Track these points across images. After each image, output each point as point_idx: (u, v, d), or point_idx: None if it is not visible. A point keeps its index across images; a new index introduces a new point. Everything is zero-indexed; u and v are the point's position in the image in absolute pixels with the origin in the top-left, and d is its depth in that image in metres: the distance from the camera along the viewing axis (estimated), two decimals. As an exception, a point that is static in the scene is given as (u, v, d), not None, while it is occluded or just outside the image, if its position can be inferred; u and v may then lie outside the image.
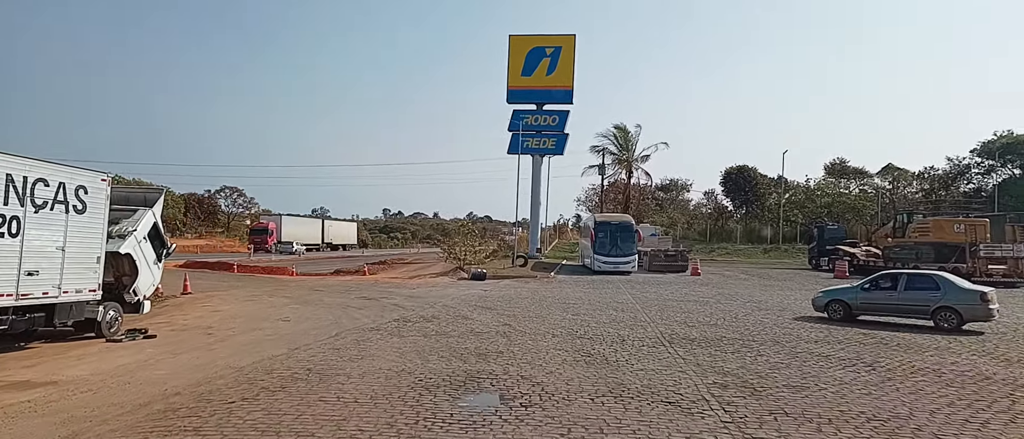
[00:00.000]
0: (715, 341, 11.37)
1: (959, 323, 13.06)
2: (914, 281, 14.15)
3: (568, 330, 12.54)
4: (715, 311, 16.17)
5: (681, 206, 75.32)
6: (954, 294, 13.35)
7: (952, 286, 13.54)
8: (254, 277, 29.73)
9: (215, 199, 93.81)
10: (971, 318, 13.12)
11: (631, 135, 53.11)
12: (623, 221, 33.08)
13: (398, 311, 15.54)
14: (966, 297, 13.23)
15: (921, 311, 13.63)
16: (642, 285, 25.20)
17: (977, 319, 13.17)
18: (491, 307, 16.63)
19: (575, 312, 15.67)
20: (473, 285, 24.76)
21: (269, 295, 19.19)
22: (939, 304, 13.31)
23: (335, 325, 12.94)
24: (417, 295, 19.98)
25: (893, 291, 14.19)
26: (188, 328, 12.31)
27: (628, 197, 53.81)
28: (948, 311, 13.20)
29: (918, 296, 13.73)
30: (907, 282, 14.12)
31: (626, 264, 31.46)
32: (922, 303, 13.60)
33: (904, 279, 14.30)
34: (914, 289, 13.90)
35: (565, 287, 24.09)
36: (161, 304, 16.14)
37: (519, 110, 44.03)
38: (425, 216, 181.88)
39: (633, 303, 18.08)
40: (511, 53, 44.17)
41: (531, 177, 44.90)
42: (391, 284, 24.90)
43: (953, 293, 13.37)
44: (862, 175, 61.91)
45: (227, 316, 14.10)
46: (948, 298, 13.29)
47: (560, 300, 18.74)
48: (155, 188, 13.46)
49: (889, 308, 14.25)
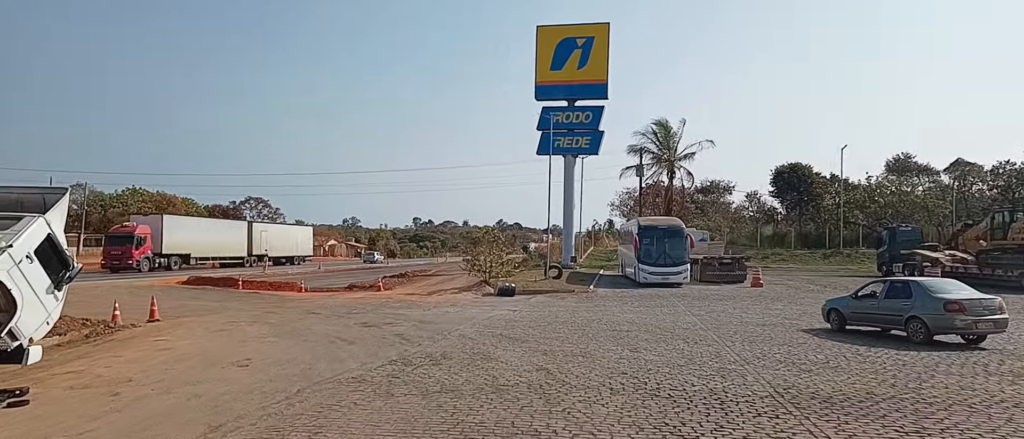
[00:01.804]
0: (864, 398, 7.42)
1: (927, 335, 11.68)
2: (893, 289, 12.89)
3: (632, 379, 8.72)
4: (821, 343, 12.13)
5: (722, 209, 70.36)
6: (921, 303, 11.93)
7: (923, 294, 12.04)
8: (257, 295, 26.56)
9: (240, 210, 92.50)
10: (938, 330, 11.61)
11: (673, 132, 48.79)
12: (672, 225, 28.94)
13: (399, 346, 11.91)
14: (932, 306, 11.68)
15: (896, 321, 12.44)
16: (702, 301, 21.13)
17: (944, 331, 11.63)
18: (521, 337, 12.88)
19: (632, 345, 11.81)
20: (499, 303, 21.05)
21: (251, 321, 15.81)
22: (909, 314, 12.05)
23: (305, 373, 9.36)
24: (430, 319, 16.35)
25: (875, 300, 13.13)
26: (98, 382, 8.87)
27: (670, 199, 49.44)
28: (916, 321, 11.89)
29: (895, 305, 12.53)
30: (887, 290, 12.99)
31: (677, 275, 27.33)
32: (896, 312, 12.41)
33: (886, 287, 13.16)
34: (891, 297, 12.72)
35: (609, 305, 20.19)
36: (106, 338, 12.84)
37: (549, 107, 40.40)
38: (455, 224, 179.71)
39: (703, 328, 14.12)
40: (539, 45, 40.56)
41: (563, 179, 41.20)
42: (404, 303, 21.36)
43: (921, 302, 11.97)
44: (927, 172, 56.36)
45: (173, 358, 10.68)
46: (916, 307, 11.97)
47: (608, 325, 14.89)
48: (55, 189, 9.97)
49: (871, 317, 13.24)
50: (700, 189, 67.41)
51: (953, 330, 11.52)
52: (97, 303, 18.50)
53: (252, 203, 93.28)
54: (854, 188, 52.97)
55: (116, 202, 67.62)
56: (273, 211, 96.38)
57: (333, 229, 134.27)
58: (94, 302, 17.17)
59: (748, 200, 66.23)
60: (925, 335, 11.68)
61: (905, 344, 11.73)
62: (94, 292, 23.78)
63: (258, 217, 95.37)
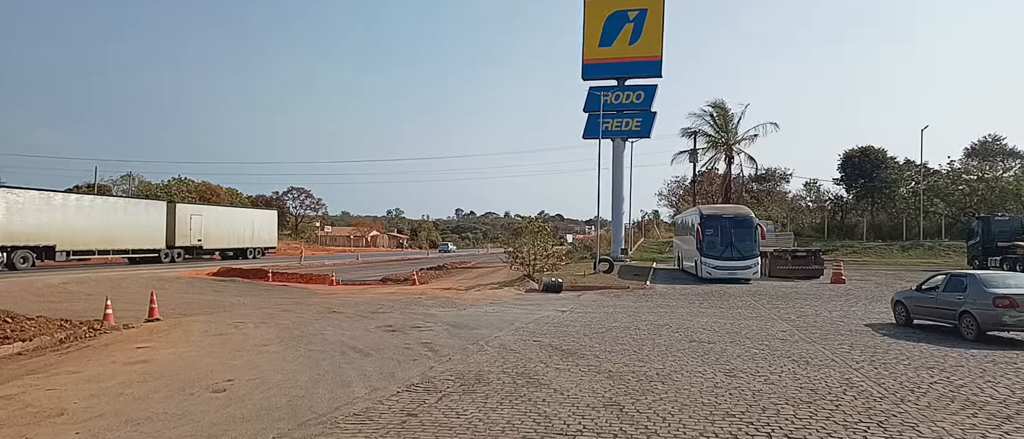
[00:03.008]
0: None
1: (978, 332, 10.94)
2: (952, 282, 12.18)
3: (747, 425, 6.03)
4: (970, 359, 9.12)
5: (777, 199, 65.62)
6: (973, 297, 11.22)
7: (976, 287, 11.29)
8: (284, 289, 24.75)
9: (283, 201, 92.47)
10: (987, 326, 10.90)
11: (731, 114, 44.93)
12: (739, 214, 25.73)
13: (424, 360, 9.48)
14: (982, 301, 10.96)
15: (952, 315, 11.73)
16: (783, 301, 18.07)
17: (994, 328, 10.92)
18: (576, 350, 10.28)
19: (724, 364, 9.06)
20: (546, 301, 18.46)
21: (260, 323, 13.68)
22: (962, 308, 11.39)
23: (294, 406, 7.01)
24: (465, 321, 13.91)
25: (936, 293, 12.43)
26: (16, 418, 6.70)
27: (728, 187, 45.70)
28: (968, 317, 11.22)
29: (951, 299, 11.85)
30: (946, 283, 12.32)
31: (746, 269, 24.22)
32: (952, 307, 11.72)
33: (946, 279, 12.44)
34: (949, 291, 12.05)
35: (675, 305, 17.36)
36: (82, 345, 10.85)
37: (596, 87, 37.38)
38: (496, 215, 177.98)
39: (805, 339, 11.22)
40: (587, 19, 37.55)
41: (611, 165, 38.16)
42: (439, 299, 19.02)
43: (973, 296, 11.25)
44: (1016, 156, 50.89)
45: (140, 376, 8.52)
46: (967, 302, 11.30)
47: (682, 333, 12.14)
48: None
49: (931, 311, 12.46)
50: (754, 177, 63.01)
51: (1003, 327, 10.84)
52: (118, 297, 16.82)
53: (294, 194, 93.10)
54: (932, 174, 48.09)
55: (162, 192, 68.03)
56: (316, 202, 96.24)
57: (377, 220, 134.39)
58: (114, 296, 15.40)
59: (807, 189, 61.49)
60: (976, 332, 10.97)
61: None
62: (120, 285, 22.36)
63: (301, 207, 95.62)
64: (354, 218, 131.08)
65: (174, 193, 70.49)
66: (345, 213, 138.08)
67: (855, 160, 47.42)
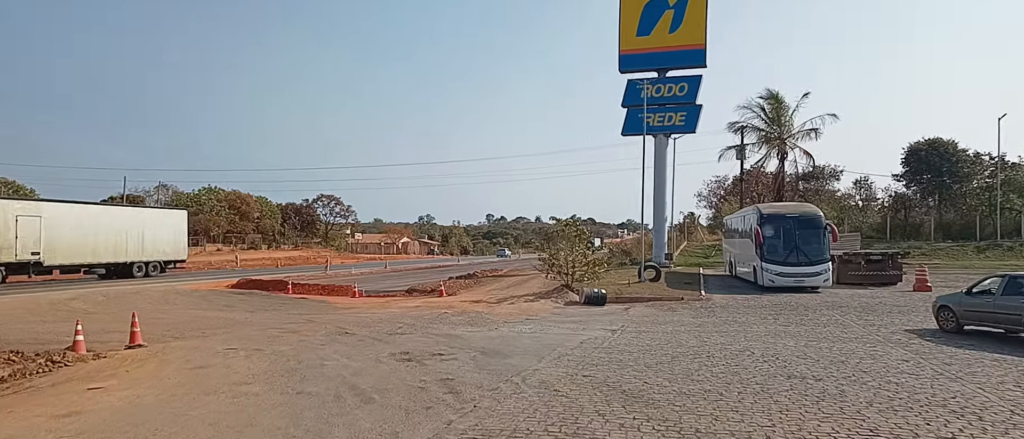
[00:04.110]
0: None
1: None
2: (1012, 284, 10.94)
3: None
4: None
5: (827, 198, 61.46)
6: None
7: None
8: (302, 302, 22.90)
9: (313, 208, 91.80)
10: None
11: (786, 106, 41.43)
12: (805, 213, 22.77)
13: (440, 409, 7.13)
14: None
15: (1015, 320, 10.66)
16: (873, 314, 15.23)
17: None
18: (642, 394, 7.80)
19: (852, 413, 6.49)
20: (590, 317, 15.98)
21: (253, 350, 11.54)
22: None
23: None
24: (496, 347, 11.53)
25: (991, 297, 11.23)
26: None
27: (781, 185, 42.29)
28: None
29: (1011, 303, 10.68)
30: (1005, 285, 11.04)
31: (815, 276, 21.29)
32: (1014, 312, 10.59)
33: (1004, 282, 11.15)
34: (1009, 294, 10.84)
35: (743, 320, 14.69)
36: (26, 384, 8.84)
37: (635, 80, 34.76)
38: (527, 220, 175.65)
39: (942, 375, 8.51)
40: (623, 7, 34.95)
41: (653, 163, 35.30)
42: (467, 315, 16.70)
43: None
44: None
45: (69, 433, 6.40)
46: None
47: (772, 361, 9.53)
48: None
49: (987, 316, 11.31)
50: (801, 175, 59.10)
51: None
52: (119, 317, 15.04)
53: (324, 201, 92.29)
54: (1011, 167, 43.82)
55: (192, 201, 67.69)
56: (346, 208, 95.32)
57: (408, 227, 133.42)
58: (116, 315, 13.58)
59: (856, 187, 57.18)
60: None
61: None
62: (131, 300, 20.80)
63: (331, 215, 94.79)
64: (385, 224, 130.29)
65: (204, 202, 70.24)
66: (377, 220, 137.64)
67: (921, 153, 43.50)
